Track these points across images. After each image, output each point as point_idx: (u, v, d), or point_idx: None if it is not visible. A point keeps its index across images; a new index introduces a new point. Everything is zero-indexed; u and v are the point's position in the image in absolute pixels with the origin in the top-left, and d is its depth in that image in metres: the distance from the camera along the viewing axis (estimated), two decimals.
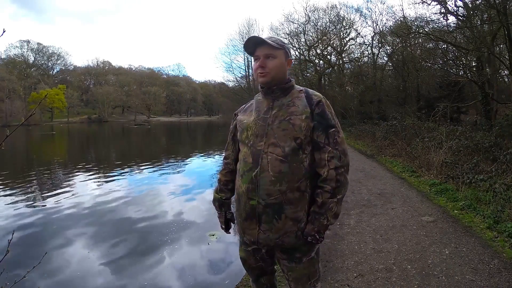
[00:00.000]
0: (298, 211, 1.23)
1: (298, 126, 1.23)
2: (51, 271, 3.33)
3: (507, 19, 7.14)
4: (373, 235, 3.23)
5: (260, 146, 1.25)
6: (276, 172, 1.20)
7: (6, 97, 44.17)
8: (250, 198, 1.24)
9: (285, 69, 1.33)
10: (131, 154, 15.36)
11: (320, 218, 1.22)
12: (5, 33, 0.98)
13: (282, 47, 1.31)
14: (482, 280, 2.31)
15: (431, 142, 6.90)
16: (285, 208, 1.21)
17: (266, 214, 1.22)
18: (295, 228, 1.23)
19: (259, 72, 1.30)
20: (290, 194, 1.20)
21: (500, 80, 12.90)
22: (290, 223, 1.22)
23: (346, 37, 21.87)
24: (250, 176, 1.24)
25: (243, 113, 1.42)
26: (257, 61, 1.31)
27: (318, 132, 1.25)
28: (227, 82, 31.72)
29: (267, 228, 1.24)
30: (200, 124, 49.79)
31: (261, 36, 1.32)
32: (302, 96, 1.31)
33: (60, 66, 64.79)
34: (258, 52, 1.30)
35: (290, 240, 1.25)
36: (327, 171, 1.21)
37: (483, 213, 3.69)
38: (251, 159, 1.25)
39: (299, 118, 1.24)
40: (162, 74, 77.78)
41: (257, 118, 1.31)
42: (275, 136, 1.24)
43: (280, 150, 1.22)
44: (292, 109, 1.27)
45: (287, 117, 1.26)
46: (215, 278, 3.16)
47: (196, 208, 5.65)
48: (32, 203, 6.02)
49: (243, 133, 1.33)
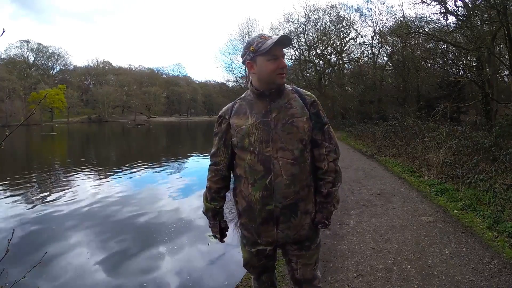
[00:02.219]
0: (308, 204, 1.32)
1: (302, 128, 1.28)
2: (51, 271, 3.33)
3: (507, 19, 7.14)
4: (373, 235, 3.23)
5: (268, 152, 1.25)
6: (289, 175, 1.25)
7: (6, 97, 44.16)
8: (266, 204, 1.27)
9: None
10: (131, 154, 15.35)
11: (327, 206, 1.34)
12: (5, 33, 0.98)
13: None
14: (482, 280, 2.31)
15: (431, 142, 6.90)
16: (299, 205, 1.29)
17: (284, 215, 1.28)
18: (308, 220, 1.33)
19: (281, 73, 1.28)
20: (302, 192, 1.29)
21: (500, 80, 12.90)
22: (304, 216, 1.31)
23: (346, 37, 21.91)
24: (263, 183, 1.25)
25: (236, 117, 1.34)
26: (275, 61, 1.25)
27: (316, 130, 1.33)
28: (227, 82, 31.78)
29: (285, 227, 1.30)
30: (200, 124, 49.76)
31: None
32: (296, 97, 1.34)
33: (60, 66, 64.83)
34: (278, 51, 1.25)
35: (305, 232, 1.34)
36: (327, 164, 1.32)
37: (483, 213, 3.68)
38: (260, 166, 1.25)
39: (301, 120, 1.28)
40: (162, 74, 77.80)
41: (257, 123, 1.28)
42: (282, 140, 1.25)
43: (289, 153, 1.25)
44: (291, 111, 1.29)
45: (289, 120, 1.27)
46: (215, 278, 3.16)
47: (196, 209, 5.64)
48: (32, 203, 6.01)
49: (244, 139, 1.29)
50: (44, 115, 49.20)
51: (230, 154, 1.39)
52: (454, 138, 6.94)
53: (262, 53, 1.24)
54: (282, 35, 1.23)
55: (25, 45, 57.87)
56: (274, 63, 1.25)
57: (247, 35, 28.35)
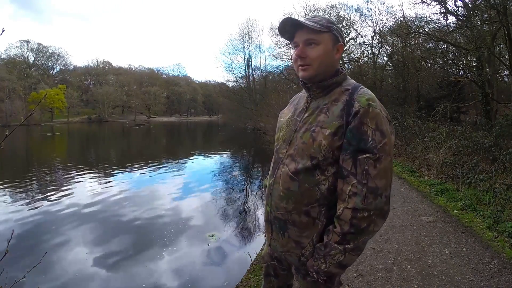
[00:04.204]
0: (303, 237, 1.03)
1: (318, 144, 0.98)
2: (50, 271, 3.33)
3: (507, 19, 7.14)
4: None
5: (282, 154, 1.09)
6: (285, 188, 1.04)
7: (6, 97, 44.15)
8: (267, 203, 1.13)
9: (332, 59, 1.04)
10: (131, 154, 15.36)
11: (319, 260, 0.99)
12: (5, 32, 0.98)
13: (328, 29, 1.01)
14: (482, 280, 2.31)
15: (431, 142, 6.90)
16: (289, 228, 1.05)
17: (275, 225, 1.10)
18: (298, 251, 1.06)
19: (299, 64, 1.03)
20: (295, 216, 1.02)
21: (500, 80, 12.89)
22: (292, 245, 1.06)
23: (346, 37, 21.86)
24: (269, 182, 1.13)
25: (289, 105, 1.22)
26: (296, 49, 1.03)
27: (345, 154, 0.95)
28: (227, 82, 31.68)
29: (276, 238, 1.11)
30: (200, 124, 49.77)
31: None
32: (343, 99, 1.00)
33: (60, 66, 64.72)
34: (298, 37, 1.02)
35: (292, 260, 1.10)
36: (342, 209, 0.94)
37: (483, 213, 3.69)
38: (272, 165, 1.15)
39: (322, 133, 0.98)
40: (162, 74, 77.70)
41: (290, 119, 1.13)
42: (295, 148, 1.04)
43: (294, 165, 1.03)
44: (321, 117, 1.01)
45: (312, 127, 1.01)
46: (215, 278, 3.16)
47: (196, 209, 5.64)
48: (32, 203, 6.01)
49: (277, 132, 1.18)
50: (44, 115, 49.12)
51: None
52: (454, 138, 6.94)
53: (289, 40, 1.07)
54: (281, 21, 1.02)
55: (25, 45, 57.83)
56: (294, 52, 1.05)
57: (247, 35, 28.36)
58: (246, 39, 28.47)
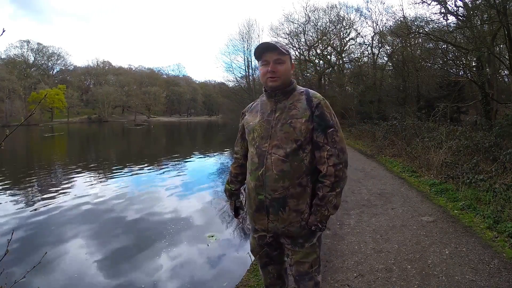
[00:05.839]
0: (300, 203, 1.36)
1: (298, 129, 1.34)
2: (50, 271, 3.33)
3: (507, 19, 7.13)
4: (373, 235, 3.23)
5: (264, 147, 1.38)
6: (278, 171, 1.34)
7: (6, 97, 44.14)
8: (258, 194, 1.39)
9: (290, 73, 1.44)
10: (131, 154, 15.36)
11: (321, 210, 1.35)
12: (5, 32, 0.98)
13: (288, 53, 1.42)
14: (482, 280, 2.31)
15: (431, 142, 6.90)
16: (289, 201, 1.35)
17: (273, 207, 1.37)
18: (298, 218, 1.37)
19: (270, 77, 1.39)
20: (292, 189, 1.34)
21: (500, 80, 12.88)
22: (293, 214, 1.36)
23: (346, 37, 21.87)
24: (257, 174, 1.38)
25: (250, 113, 1.54)
26: (266, 66, 1.40)
27: (318, 132, 1.36)
28: (227, 82, 31.60)
29: (274, 219, 1.38)
30: (200, 124, 49.79)
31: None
32: (303, 99, 1.40)
33: (60, 66, 64.74)
34: (267, 57, 1.39)
35: (294, 229, 1.39)
36: (326, 168, 1.34)
37: (483, 213, 3.69)
38: (257, 159, 1.39)
39: (299, 122, 1.35)
40: (162, 74, 77.73)
41: (262, 120, 1.43)
42: (278, 138, 1.36)
43: (282, 151, 1.34)
44: (293, 112, 1.38)
45: (288, 120, 1.37)
46: (215, 279, 3.16)
47: (196, 209, 5.64)
48: (32, 203, 6.02)
49: (249, 134, 1.46)
50: (44, 115, 49.15)
51: (245, 146, 1.57)
52: (454, 138, 6.94)
53: (257, 59, 1.44)
54: (261, 44, 1.39)
55: (25, 45, 57.84)
56: (264, 68, 1.40)
57: (247, 35, 28.26)
58: (246, 39, 28.41)
